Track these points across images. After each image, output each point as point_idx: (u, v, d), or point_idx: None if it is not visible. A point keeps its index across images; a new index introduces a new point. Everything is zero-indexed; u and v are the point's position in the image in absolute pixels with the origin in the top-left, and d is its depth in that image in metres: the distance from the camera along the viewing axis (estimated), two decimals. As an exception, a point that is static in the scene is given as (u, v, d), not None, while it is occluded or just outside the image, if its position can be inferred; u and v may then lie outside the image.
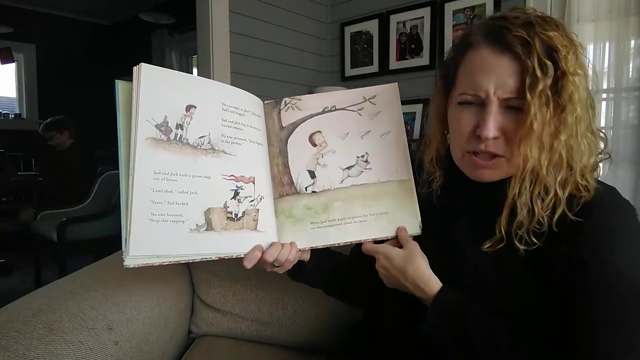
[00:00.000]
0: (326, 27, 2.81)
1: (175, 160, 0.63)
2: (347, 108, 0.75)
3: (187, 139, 0.64)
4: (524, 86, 0.56)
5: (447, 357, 0.60)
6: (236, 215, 0.67)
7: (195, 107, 0.66)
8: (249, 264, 0.66)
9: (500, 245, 0.60)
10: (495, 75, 0.58)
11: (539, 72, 0.55)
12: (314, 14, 2.72)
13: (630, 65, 1.82)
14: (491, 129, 0.58)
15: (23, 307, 0.79)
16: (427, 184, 0.73)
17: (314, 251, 0.75)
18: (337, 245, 0.72)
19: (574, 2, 1.91)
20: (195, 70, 4.25)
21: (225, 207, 0.66)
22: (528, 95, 0.55)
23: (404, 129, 0.75)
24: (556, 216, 0.57)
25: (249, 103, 0.72)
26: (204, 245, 0.63)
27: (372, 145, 0.74)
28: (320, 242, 0.72)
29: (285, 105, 0.75)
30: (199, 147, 0.65)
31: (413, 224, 0.72)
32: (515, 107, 0.58)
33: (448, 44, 2.32)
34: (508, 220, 0.60)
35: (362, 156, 0.73)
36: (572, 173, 0.58)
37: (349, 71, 2.73)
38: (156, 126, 0.62)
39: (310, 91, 2.59)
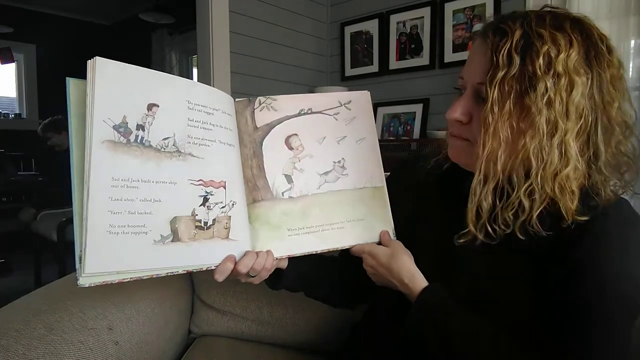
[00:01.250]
0: (326, 27, 2.81)
1: (136, 165, 0.57)
2: (324, 112, 0.73)
3: (149, 141, 0.58)
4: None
5: (430, 352, 0.60)
6: (206, 223, 0.61)
7: (158, 106, 0.60)
8: (220, 277, 0.61)
9: (475, 241, 0.60)
10: (471, 61, 0.61)
11: (501, 64, 0.54)
12: (314, 14, 2.71)
13: (631, 65, 1.83)
14: (455, 111, 0.61)
15: (23, 307, 0.78)
16: (424, 173, 0.74)
17: (292, 257, 0.71)
18: (314, 253, 0.70)
19: (574, 2, 1.91)
20: (195, 70, 4.26)
21: (194, 215, 0.60)
22: (487, 84, 0.55)
23: (377, 136, 0.75)
24: (519, 221, 0.57)
25: (218, 101, 0.67)
26: (170, 258, 0.58)
27: (348, 151, 0.73)
28: (298, 250, 0.68)
29: (260, 104, 0.71)
30: (162, 149, 0.59)
31: (386, 231, 0.72)
32: (483, 99, 0.58)
33: (448, 44, 2.32)
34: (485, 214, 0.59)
35: (339, 162, 0.72)
36: (539, 180, 0.56)
37: (349, 71, 2.73)
38: (114, 127, 0.56)
39: (310, 91, 2.59)
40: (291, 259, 0.71)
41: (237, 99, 0.71)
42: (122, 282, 0.55)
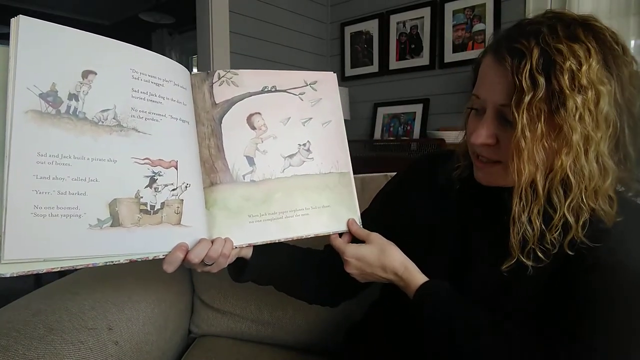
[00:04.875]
0: (326, 27, 2.81)
1: (68, 140, 0.50)
2: (289, 90, 0.68)
3: (84, 113, 0.51)
4: (511, 101, 0.53)
5: (430, 337, 0.60)
6: (152, 207, 0.54)
7: (95, 74, 0.53)
8: (169, 267, 0.55)
9: (525, 269, 0.57)
10: (490, 84, 0.57)
11: (526, 87, 0.52)
12: (314, 14, 2.71)
13: (631, 66, 1.82)
14: (480, 136, 0.58)
15: (23, 307, 0.77)
16: (445, 176, 0.70)
17: (255, 246, 0.66)
18: (277, 241, 0.64)
19: (573, 2, 1.91)
20: (195, 70, 4.26)
21: (138, 197, 0.54)
22: (514, 110, 0.53)
23: (343, 119, 0.71)
24: (567, 239, 0.55)
25: (170, 72, 0.60)
26: (108, 245, 0.51)
27: (313, 134, 0.68)
28: (260, 238, 0.63)
29: (219, 78, 0.65)
30: (100, 123, 0.52)
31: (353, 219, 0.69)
32: (508, 121, 0.56)
33: (448, 44, 2.32)
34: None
35: (304, 144, 0.67)
36: (583, 196, 0.54)
37: (349, 71, 2.73)
38: (40, 96, 0.49)
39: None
40: (257, 249, 0.66)
41: (193, 72, 0.64)
42: (51, 271, 0.49)
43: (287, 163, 0.66)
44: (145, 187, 0.55)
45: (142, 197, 0.54)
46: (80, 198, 0.50)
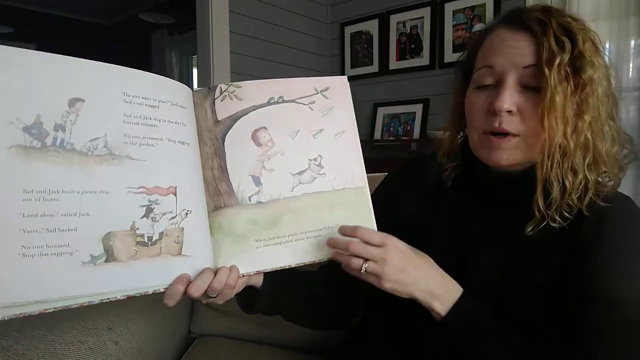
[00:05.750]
0: (326, 27, 2.80)
1: (56, 174, 0.47)
2: (297, 100, 0.63)
3: (72, 144, 0.49)
4: (540, 61, 0.55)
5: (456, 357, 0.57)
6: (150, 238, 0.51)
7: (83, 101, 0.50)
8: (170, 301, 0.52)
9: (535, 228, 0.58)
10: (511, 49, 0.58)
11: (555, 47, 0.55)
12: (314, 14, 2.71)
13: (631, 65, 1.82)
14: (505, 100, 0.57)
15: (23, 307, 0.78)
16: (435, 176, 0.69)
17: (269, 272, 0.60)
18: (287, 267, 0.59)
19: (573, 2, 1.91)
20: (195, 70, 4.26)
21: (134, 229, 0.51)
22: (546, 70, 0.54)
23: (357, 129, 0.64)
24: (586, 200, 0.57)
25: (167, 91, 0.57)
26: (104, 282, 0.49)
27: (325, 147, 0.62)
28: (269, 265, 0.58)
29: (221, 93, 0.61)
30: (90, 153, 0.50)
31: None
32: (533, 87, 0.57)
33: (448, 44, 2.31)
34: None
35: (315, 159, 0.62)
36: (599, 156, 0.57)
37: (349, 71, 2.72)
38: (24, 129, 0.46)
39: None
40: (268, 276, 0.61)
41: (195, 89, 0.61)
42: (44, 313, 0.47)
43: (296, 181, 0.61)
44: (142, 218, 0.51)
45: (138, 229, 0.51)
46: (71, 234, 0.47)
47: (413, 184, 0.74)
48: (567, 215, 0.57)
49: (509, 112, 0.58)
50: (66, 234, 0.47)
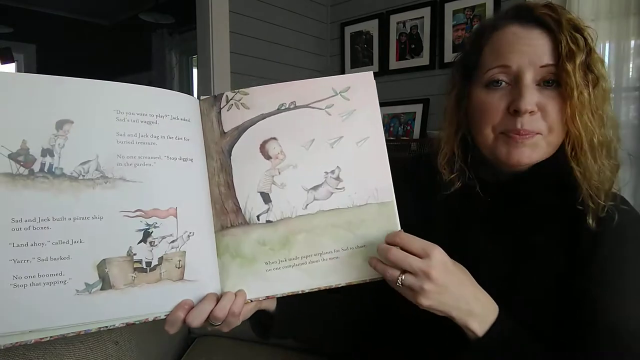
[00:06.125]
0: (326, 27, 2.80)
1: (45, 201, 0.45)
2: (312, 105, 0.56)
3: (62, 169, 0.46)
4: (558, 58, 0.55)
5: None
6: (149, 264, 0.49)
7: (72, 122, 0.47)
8: (170, 328, 0.49)
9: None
10: (527, 47, 0.56)
11: (572, 45, 0.54)
12: (314, 14, 2.70)
13: (630, 65, 1.80)
14: (528, 101, 0.55)
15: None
16: (434, 177, 0.66)
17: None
18: (300, 293, 0.54)
19: (574, 2, 1.91)
20: (195, 71, 4.26)
21: (131, 255, 0.48)
22: (568, 66, 0.54)
23: (383, 132, 0.57)
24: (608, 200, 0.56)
25: (167, 104, 0.52)
26: (101, 310, 0.47)
27: (344, 157, 0.55)
28: (280, 290, 0.54)
29: (227, 102, 0.55)
30: (81, 177, 0.47)
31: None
32: (551, 83, 0.56)
33: (448, 44, 2.31)
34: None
35: (332, 172, 0.55)
36: (613, 152, 0.58)
37: (349, 71, 2.70)
38: (10, 156, 0.45)
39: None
40: (281, 298, 0.56)
41: (202, 98, 0.56)
42: (40, 342, 0.46)
43: (310, 197, 0.55)
44: (139, 243, 0.49)
45: (135, 254, 0.49)
46: (63, 263, 0.46)
47: (411, 185, 0.70)
48: (599, 215, 0.56)
49: (531, 112, 0.56)
50: (58, 263, 0.46)
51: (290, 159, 0.55)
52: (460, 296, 0.51)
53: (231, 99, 0.56)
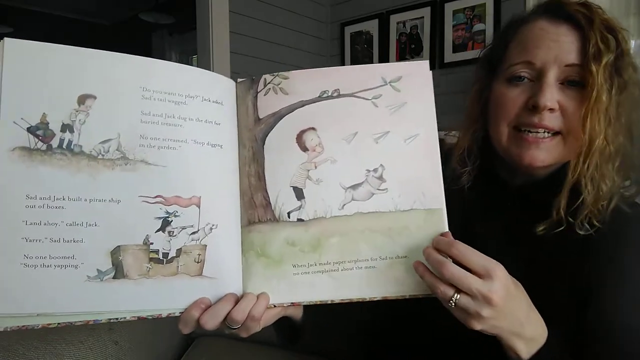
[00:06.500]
0: (326, 27, 2.80)
1: (62, 179, 0.43)
2: (357, 94, 0.51)
3: (80, 146, 0.44)
4: (585, 57, 0.52)
5: None
6: (165, 255, 0.46)
7: (95, 98, 0.45)
8: (184, 328, 0.46)
9: (559, 229, 0.53)
10: (554, 43, 0.54)
11: (601, 45, 0.51)
12: (314, 14, 2.70)
13: (630, 65, 1.82)
14: (548, 97, 0.52)
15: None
16: (453, 180, 0.62)
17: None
18: (328, 302, 0.49)
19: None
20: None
21: (147, 243, 0.45)
22: (593, 66, 0.51)
23: (437, 131, 0.51)
24: (612, 205, 0.54)
25: (198, 84, 0.49)
26: (111, 300, 0.44)
27: (390, 154, 0.50)
28: (306, 297, 0.49)
29: (265, 85, 0.51)
30: (100, 156, 0.44)
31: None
32: (575, 83, 0.54)
33: (448, 44, 2.30)
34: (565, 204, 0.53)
35: (375, 170, 0.50)
36: (629, 161, 0.55)
37: (349, 71, 2.73)
38: (29, 130, 0.43)
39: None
40: (310, 308, 0.51)
41: (239, 79, 0.52)
42: (47, 327, 0.43)
43: (348, 196, 0.50)
44: (157, 232, 0.46)
45: (152, 244, 0.45)
46: (76, 246, 0.43)
47: None
48: (595, 222, 0.53)
49: (550, 109, 0.53)
50: (71, 246, 0.43)
51: (328, 152, 0.50)
52: (515, 319, 0.45)
53: (269, 83, 0.52)
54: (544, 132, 0.54)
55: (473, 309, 0.42)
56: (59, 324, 0.44)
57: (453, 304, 0.43)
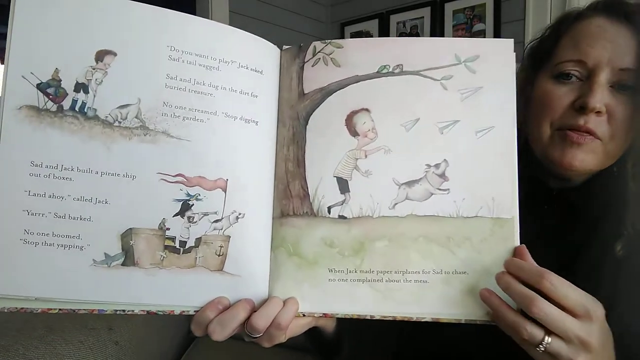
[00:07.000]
0: (326, 27, 2.79)
1: (72, 146, 0.38)
2: (424, 72, 0.42)
3: (95, 110, 0.38)
4: None
5: None
6: (183, 243, 0.40)
7: (115, 55, 0.39)
8: (197, 330, 0.40)
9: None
10: (610, 43, 0.49)
11: None
12: (314, 14, 2.70)
13: (630, 65, 1.82)
14: (598, 99, 0.47)
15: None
16: None
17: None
18: (368, 317, 0.42)
19: (574, 2, 1.90)
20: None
21: (163, 228, 0.39)
22: None
23: (516, 125, 0.42)
24: None
25: (236, 47, 0.42)
26: (118, 290, 0.39)
27: (457, 149, 0.42)
28: (341, 308, 0.42)
29: (314, 54, 0.43)
30: (116, 123, 0.39)
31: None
32: (627, 88, 0.49)
33: (448, 44, 2.32)
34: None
35: (437, 166, 0.42)
36: None
37: (349, 71, 2.73)
38: (39, 87, 0.37)
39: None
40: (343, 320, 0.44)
41: (285, 46, 0.45)
42: (47, 312, 0.39)
43: (402, 194, 0.42)
44: (175, 216, 0.40)
45: (168, 229, 0.40)
46: (83, 224, 0.38)
47: None
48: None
49: (597, 112, 0.49)
50: (77, 224, 0.38)
51: (382, 139, 0.43)
52: None
53: (319, 51, 0.43)
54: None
55: (566, 355, 0.36)
56: (60, 310, 0.39)
57: (542, 349, 0.36)
